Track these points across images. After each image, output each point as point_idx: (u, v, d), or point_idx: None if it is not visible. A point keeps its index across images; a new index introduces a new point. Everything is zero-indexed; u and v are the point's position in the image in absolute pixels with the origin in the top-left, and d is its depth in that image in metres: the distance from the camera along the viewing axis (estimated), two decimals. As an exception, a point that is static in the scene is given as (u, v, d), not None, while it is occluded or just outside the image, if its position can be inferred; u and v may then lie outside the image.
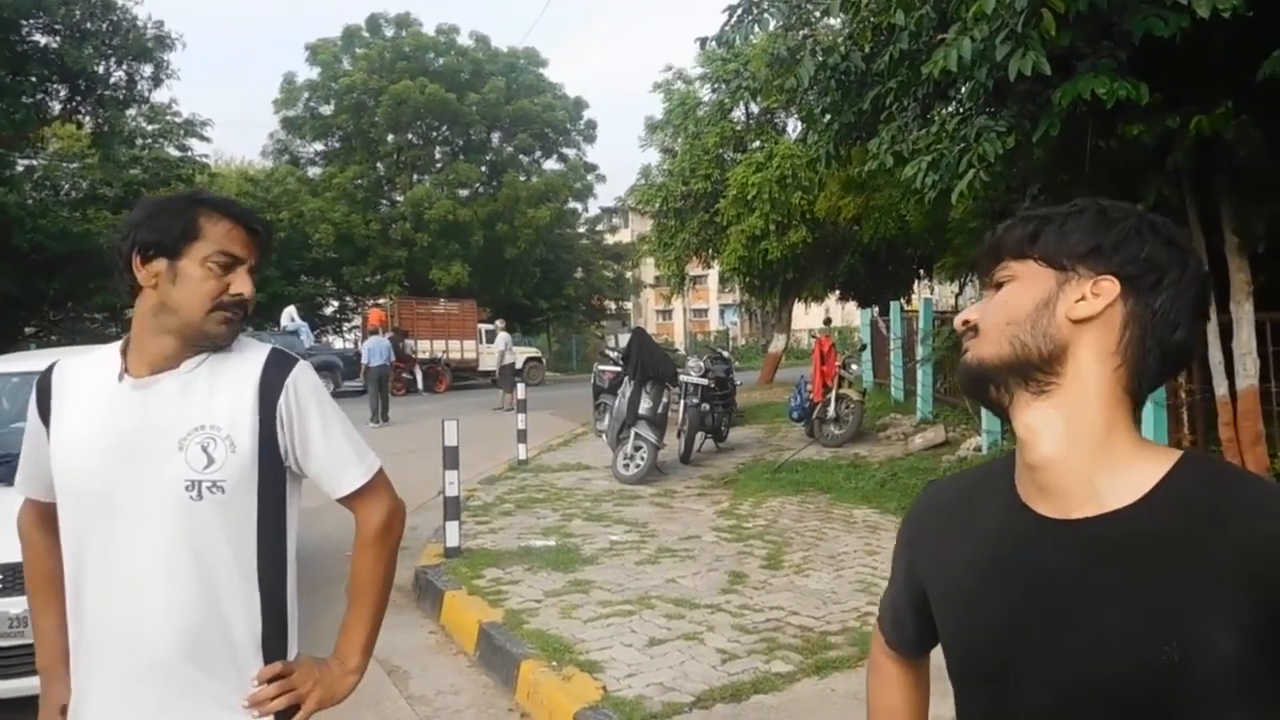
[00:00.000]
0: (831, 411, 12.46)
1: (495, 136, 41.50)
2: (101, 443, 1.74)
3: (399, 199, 39.43)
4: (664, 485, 10.17)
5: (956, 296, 25.87)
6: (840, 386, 12.60)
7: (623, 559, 6.95)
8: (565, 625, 5.39)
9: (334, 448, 1.87)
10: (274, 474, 1.81)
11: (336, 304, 41.65)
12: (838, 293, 26.31)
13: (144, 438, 1.73)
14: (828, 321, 17.37)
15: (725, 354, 15.18)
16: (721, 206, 20.35)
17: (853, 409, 12.48)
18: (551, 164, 42.94)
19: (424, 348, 29.51)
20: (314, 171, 40.55)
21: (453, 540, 7.05)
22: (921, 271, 24.12)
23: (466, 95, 37.99)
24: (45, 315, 32.67)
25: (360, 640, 1.93)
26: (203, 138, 37.27)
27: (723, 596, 5.95)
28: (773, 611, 5.62)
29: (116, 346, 1.84)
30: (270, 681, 1.80)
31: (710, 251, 23.22)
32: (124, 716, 1.74)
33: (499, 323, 23.98)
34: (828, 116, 10.05)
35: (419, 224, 36.43)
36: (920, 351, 13.22)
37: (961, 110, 7.67)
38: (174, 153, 36.39)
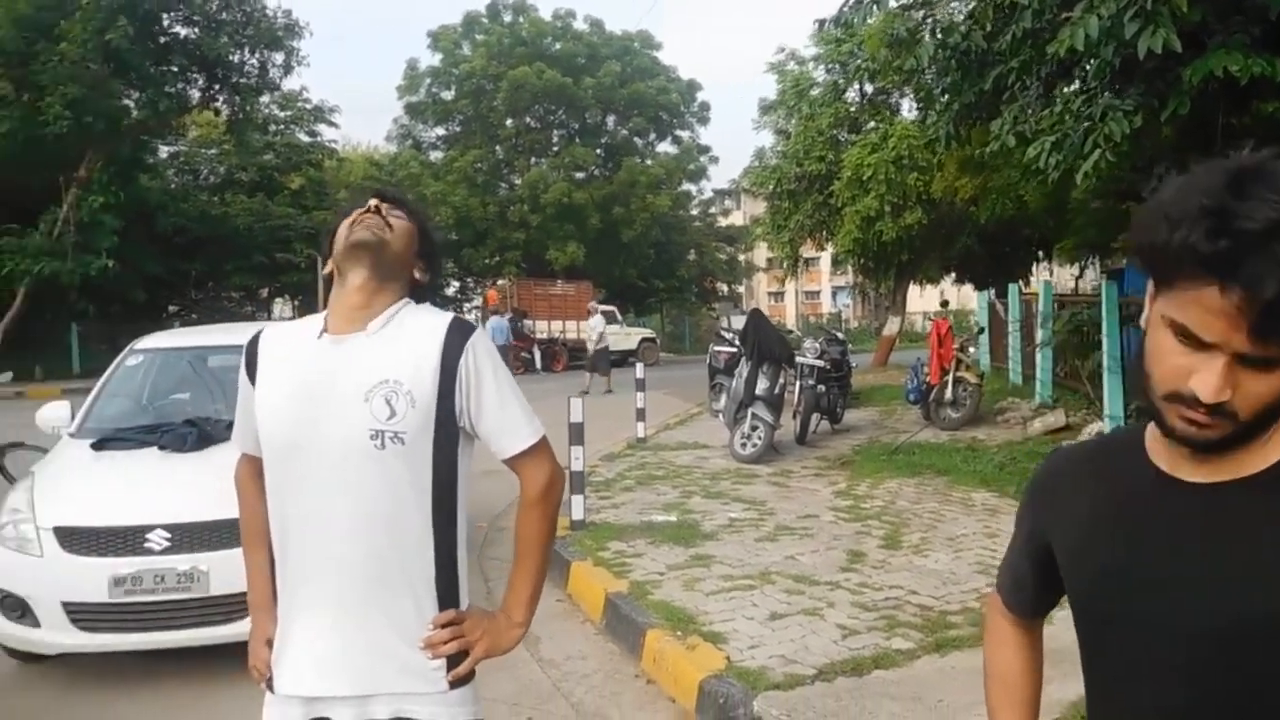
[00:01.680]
0: (949, 394, 12.31)
1: (610, 120, 41.75)
2: (298, 393, 1.93)
3: (517, 182, 40.00)
4: (780, 465, 10.22)
5: (1076, 279, 25.20)
6: (958, 369, 12.45)
7: (742, 535, 7.05)
8: (688, 597, 5.51)
9: (506, 410, 2.01)
10: (448, 430, 1.95)
11: (457, 285, 42.54)
12: (953, 275, 25.83)
13: (334, 388, 1.90)
14: (945, 304, 17.07)
15: (840, 336, 15.09)
16: (836, 188, 20.15)
17: (970, 392, 12.31)
18: (665, 146, 43.03)
19: (541, 328, 29.96)
20: (435, 155, 41.40)
21: (578, 513, 7.24)
22: (1040, 253, 23.52)
23: (582, 79, 38.30)
24: (187, 294, 34.13)
25: (525, 595, 2.08)
26: (331, 123, 38.49)
27: (842, 574, 6.00)
28: (892, 590, 5.66)
29: (321, 314, 2.03)
30: (444, 627, 1.95)
31: (824, 233, 23.00)
32: (319, 644, 1.92)
33: (593, 304, 24.08)
34: (947, 96, 9.92)
35: (536, 206, 36.92)
36: (1040, 335, 12.95)
37: (1086, 89, 7.50)
38: (304, 138, 37.61)
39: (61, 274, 24.19)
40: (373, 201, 2.00)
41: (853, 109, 21.92)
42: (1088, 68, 7.42)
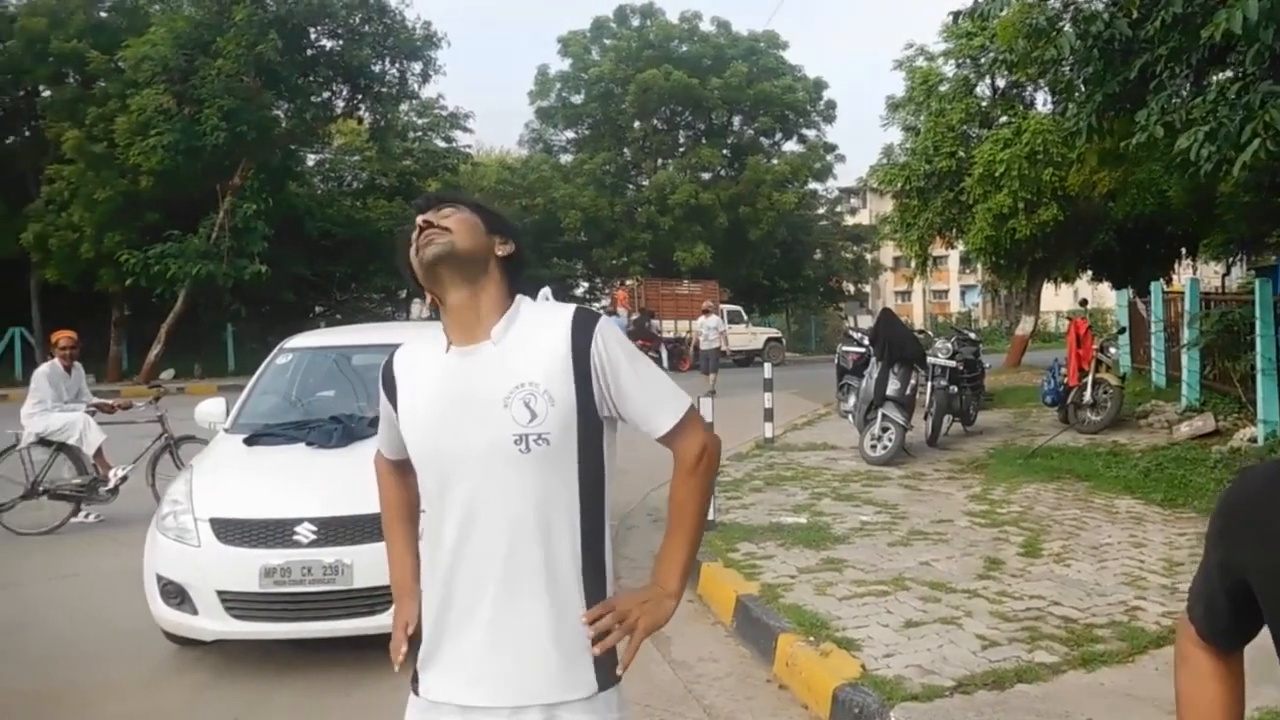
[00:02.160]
0: (1088, 396, 11.81)
1: (736, 120, 41.56)
2: (439, 407, 1.92)
3: (644, 183, 40.17)
4: (912, 467, 9.95)
5: (1223, 276, 23.92)
6: (1097, 370, 11.94)
7: (874, 539, 6.86)
8: (820, 602, 5.38)
9: (648, 390, 1.96)
10: (591, 423, 1.91)
11: (586, 284, 42.96)
12: (1089, 273, 24.85)
13: (473, 400, 1.88)
14: (1084, 303, 16.42)
15: (973, 336, 14.64)
16: (967, 185, 19.56)
17: (1111, 394, 11.79)
18: (791, 145, 42.60)
19: (668, 327, 29.99)
20: (565, 158, 41.89)
21: (708, 514, 7.14)
22: (1184, 250, 22.45)
23: (709, 80, 38.20)
24: (332, 296, 35.29)
25: (679, 565, 2.00)
26: (466, 129, 39.29)
27: (979, 582, 5.77)
28: (1033, 600, 5.41)
29: (439, 326, 2.01)
30: (596, 620, 1.90)
31: (954, 231, 22.37)
32: (470, 652, 1.90)
33: (708, 304, 23.88)
34: (1088, 87, 9.50)
35: (663, 207, 37.00)
36: (1187, 335, 12.30)
37: (1243, 76, 7.06)
38: (441, 144, 38.48)
39: (217, 276, 25.30)
40: (419, 220, 1.97)
41: (984, 104, 21.26)
42: (1245, 54, 6.98)
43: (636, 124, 40.27)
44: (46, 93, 27.49)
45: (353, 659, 4.99)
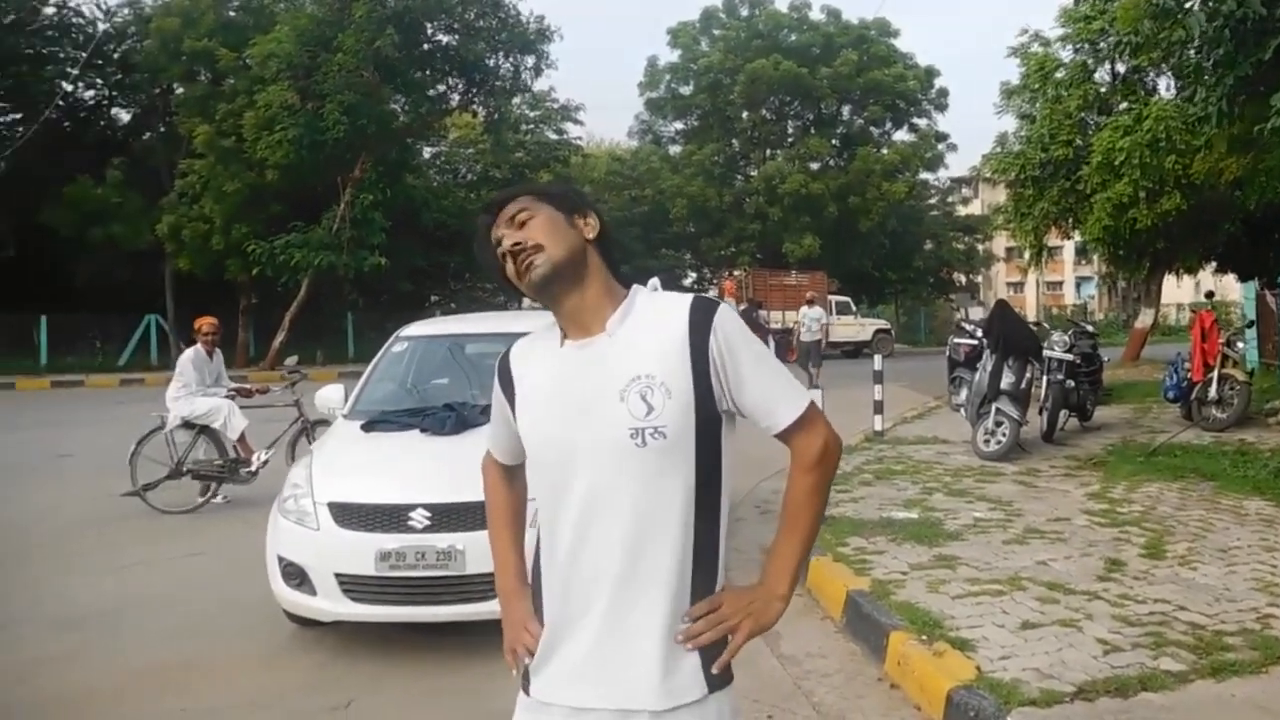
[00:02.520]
0: (1213, 393, 11.28)
1: (846, 109, 40.96)
2: (556, 402, 1.88)
3: (753, 174, 39.89)
4: (1026, 463, 9.63)
5: (1361, 269, 22.62)
6: (1224, 366, 11.39)
7: (988, 537, 6.64)
8: (933, 600, 5.22)
9: (768, 382, 1.88)
10: (709, 417, 1.84)
11: (694, 275, 42.90)
12: (1213, 264, 23.77)
13: (588, 393, 1.83)
14: (1209, 295, 15.65)
15: (1090, 329, 14.12)
16: (1084, 173, 18.85)
17: (1238, 391, 11.23)
18: (902, 135, 41.80)
19: (775, 318, 29.71)
20: (674, 150, 41.83)
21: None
22: (1317, 240, 21.29)
23: (818, 69, 37.68)
24: (447, 285, 35.96)
25: (790, 566, 1.92)
26: (577, 121, 39.61)
27: (1099, 584, 5.53)
28: (1157, 604, 5.15)
29: (552, 319, 1.96)
30: (700, 617, 1.84)
31: (1070, 221, 21.60)
32: (582, 652, 1.85)
33: (811, 295, 23.46)
34: (1218, 70, 9.02)
35: (772, 197, 36.67)
36: (1322, 330, 11.66)
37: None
38: (552, 136, 38.85)
39: (338, 266, 25.96)
40: (507, 245, 1.88)
41: (1103, 90, 20.44)
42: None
43: (745, 114, 39.96)
44: (180, 90, 28.54)
45: (464, 644, 5.02)
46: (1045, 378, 10.88)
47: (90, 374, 25.02)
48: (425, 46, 28.23)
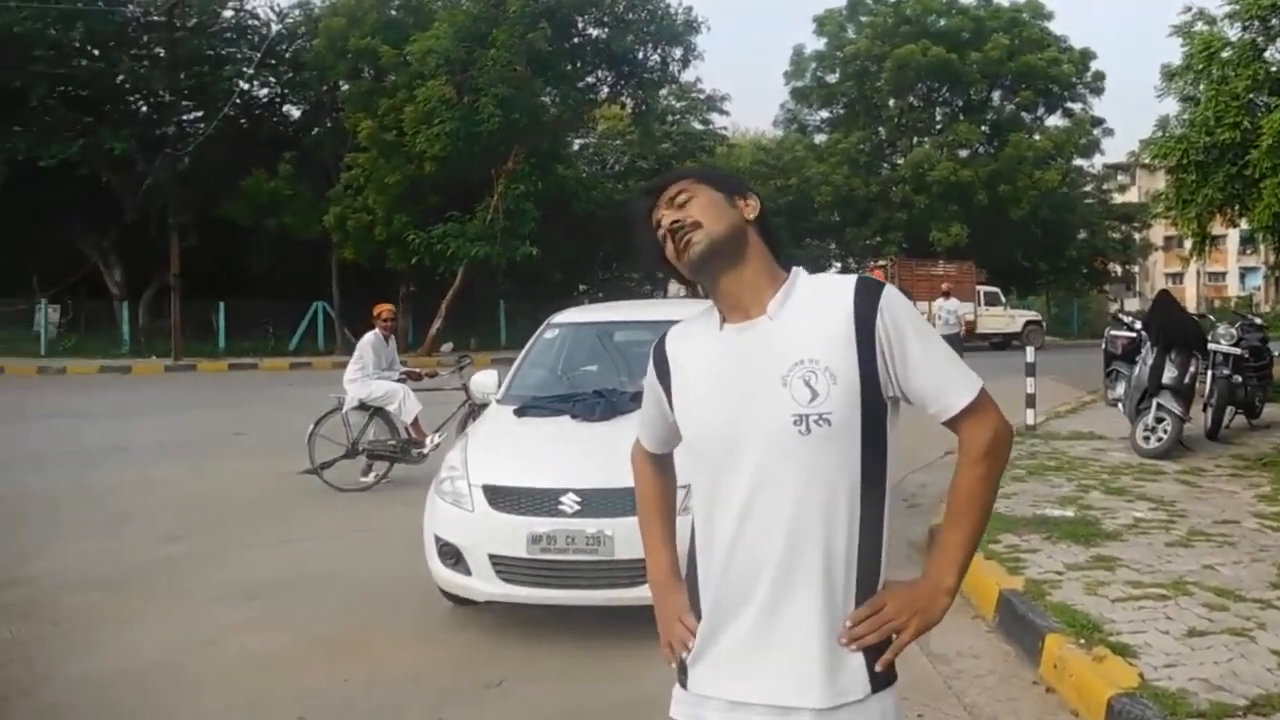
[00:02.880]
0: (1398, 390, 10.43)
1: (996, 95, 39.55)
2: (714, 388, 1.82)
3: (899, 162, 38.94)
4: (1189, 462, 9.10)
5: None
6: None
7: (1150, 538, 6.29)
8: (1091, 602, 4.96)
9: (938, 366, 1.79)
10: (875, 403, 1.76)
11: (839, 264, 42.23)
12: (1401, 254, 22.00)
13: (750, 378, 1.77)
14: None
15: (1259, 321, 13.24)
16: (1253, 158, 17.58)
17: None
18: (1055, 120, 40.07)
19: (922, 308, 28.95)
20: (819, 139, 41.21)
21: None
22: None
23: (967, 54, 36.44)
24: (595, 275, 36.38)
25: (957, 560, 1.82)
26: (722, 111, 39.48)
27: (1273, 592, 5.16)
28: (1339, 616, 4.78)
29: (701, 303, 1.90)
30: (862, 619, 1.76)
31: (1236, 209, 20.25)
32: (741, 646, 1.79)
33: (947, 285, 22.57)
34: None
35: (919, 186, 35.74)
36: None
37: None
38: (698, 127, 38.80)
39: (492, 256, 26.52)
40: (666, 223, 1.84)
41: (1273, 69, 19.06)
42: None
43: (892, 101, 39.04)
44: (345, 87, 29.60)
45: (613, 628, 5.03)
46: (1210, 372, 10.24)
47: (263, 357, 26.34)
48: (576, 40, 28.55)
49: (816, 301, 1.80)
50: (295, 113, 33.29)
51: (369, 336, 9.42)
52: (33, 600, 5.85)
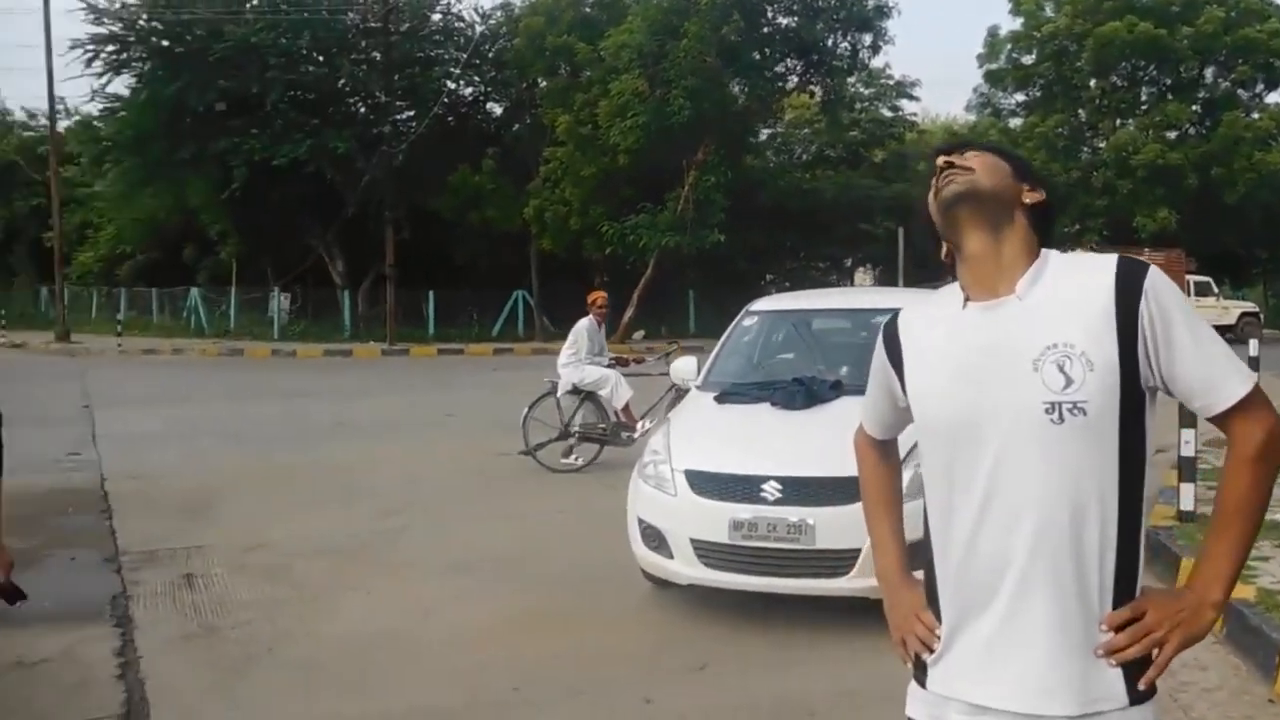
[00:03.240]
0: None
1: (1209, 72, 36.60)
2: (956, 373, 1.69)
3: (1101, 145, 36.69)
4: None
5: None
6: None
7: (1401, 548, 5.68)
8: (1334, 617, 4.51)
9: (1207, 357, 1.61)
10: (1134, 393, 1.61)
11: (1034, 252, 40.32)
12: None
13: (996, 362, 1.64)
14: None
15: None
16: None
17: None
18: (1276, 97, 36.79)
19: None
20: (1014, 123, 39.33)
21: (1187, 503, 6.31)
22: None
23: (1177, 29, 33.84)
24: (782, 264, 36.07)
25: (1226, 570, 1.63)
26: (912, 97, 38.21)
27: None
28: None
29: (955, 286, 1.78)
30: (1121, 628, 1.61)
31: None
32: (984, 647, 1.67)
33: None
34: None
35: (1122, 170, 33.55)
36: None
37: None
38: (886, 113, 37.69)
39: (682, 245, 26.66)
40: (940, 159, 1.73)
41: None
42: None
43: (1093, 82, 36.75)
44: (543, 84, 30.31)
45: (815, 618, 4.93)
46: None
47: (468, 343, 27.40)
48: (765, 29, 28.25)
49: (1072, 282, 1.66)
50: (497, 110, 34.32)
51: (584, 322, 9.59)
52: (275, 564, 6.26)
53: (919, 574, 1.86)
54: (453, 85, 31.50)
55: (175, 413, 13.42)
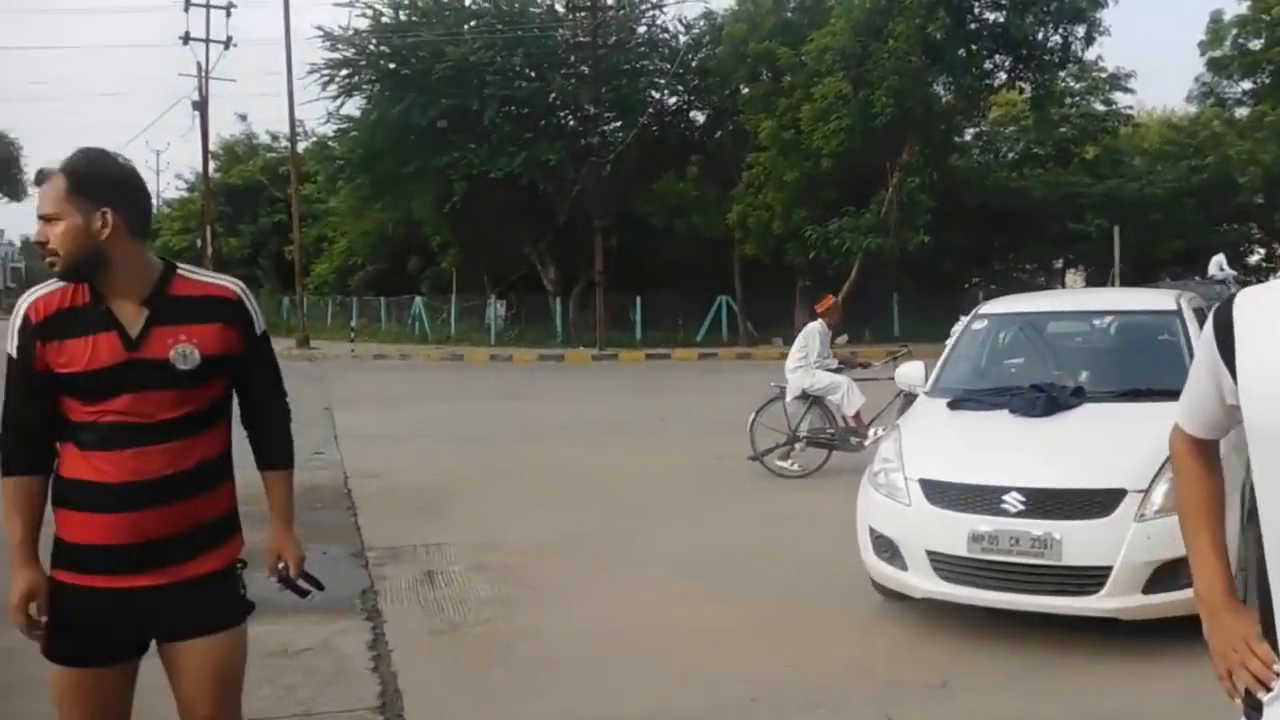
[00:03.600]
0: None
1: None
2: None
3: (1341, 132, 33.19)
4: None
5: None
6: None
7: None
8: None
9: None
10: None
11: (1263, 251, 36.87)
12: None
13: None
14: None
15: None
16: None
17: None
18: None
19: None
20: (1240, 112, 36.12)
21: None
22: None
23: None
24: (989, 266, 34.58)
25: None
26: (1126, 89, 35.65)
27: None
28: None
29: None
30: None
31: None
32: None
33: None
34: None
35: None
36: None
37: None
38: (1099, 107, 35.40)
39: (885, 248, 25.94)
40: None
41: None
42: None
43: (1335, 64, 33.35)
44: (745, 90, 30.16)
45: (1063, 639, 4.60)
46: None
47: (674, 348, 27.59)
48: (972, 25, 27.07)
49: None
50: (700, 118, 34.40)
51: (817, 325, 9.33)
52: (509, 562, 6.40)
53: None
54: (657, 95, 31.81)
55: (407, 414, 14.11)
